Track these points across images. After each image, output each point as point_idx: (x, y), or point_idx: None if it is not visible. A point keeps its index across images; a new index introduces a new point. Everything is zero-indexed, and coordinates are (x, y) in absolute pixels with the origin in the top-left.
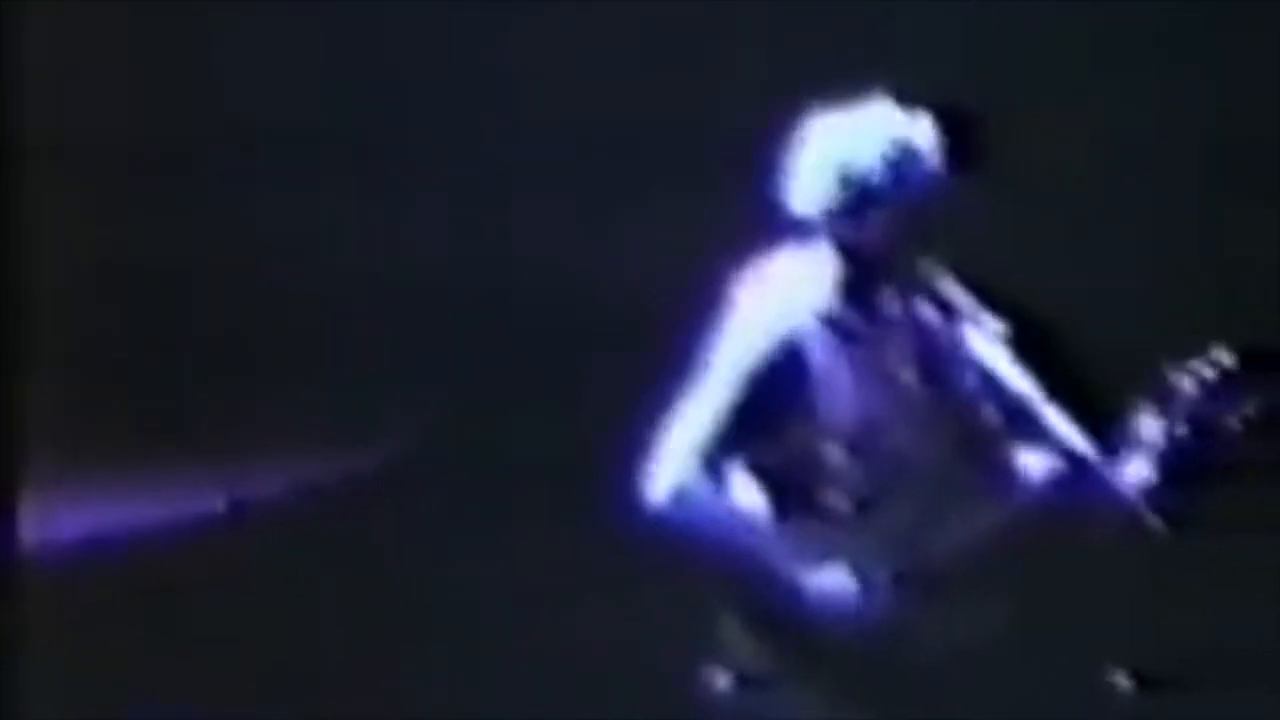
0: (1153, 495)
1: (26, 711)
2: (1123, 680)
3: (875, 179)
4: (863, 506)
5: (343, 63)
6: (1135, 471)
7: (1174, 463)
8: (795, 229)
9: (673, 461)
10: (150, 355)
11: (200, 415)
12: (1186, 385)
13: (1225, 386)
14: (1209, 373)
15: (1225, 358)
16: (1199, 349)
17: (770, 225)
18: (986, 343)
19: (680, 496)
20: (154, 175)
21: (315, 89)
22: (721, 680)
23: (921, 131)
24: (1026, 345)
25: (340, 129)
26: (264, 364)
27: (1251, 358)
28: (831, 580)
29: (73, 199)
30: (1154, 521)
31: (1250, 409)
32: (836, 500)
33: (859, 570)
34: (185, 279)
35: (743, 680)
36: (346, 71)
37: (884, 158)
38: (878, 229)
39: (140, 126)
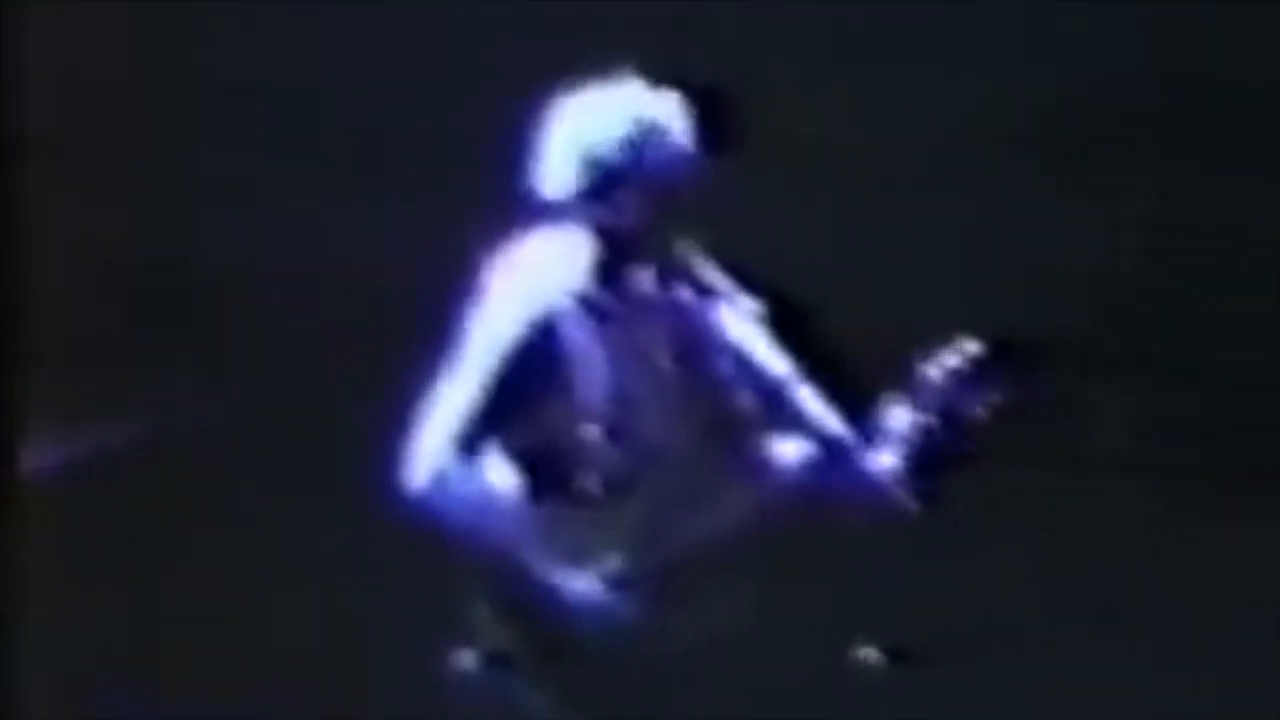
0: (903, 480)
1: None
2: (874, 656)
3: (624, 159)
4: (616, 490)
5: None
6: (887, 456)
7: (923, 448)
8: (547, 212)
9: (430, 445)
10: None
11: None
12: (936, 373)
13: (974, 375)
14: (958, 361)
15: (974, 347)
16: (950, 337)
17: (522, 209)
18: (742, 325)
19: (436, 480)
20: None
21: None
22: (469, 662)
23: (671, 111)
24: (782, 328)
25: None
26: None
27: (1001, 347)
28: (584, 565)
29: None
30: (905, 505)
31: (998, 397)
32: (590, 484)
33: (612, 554)
34: None
35: (491, 662)
36: None
37: (632, 138)
38: (630, 210)
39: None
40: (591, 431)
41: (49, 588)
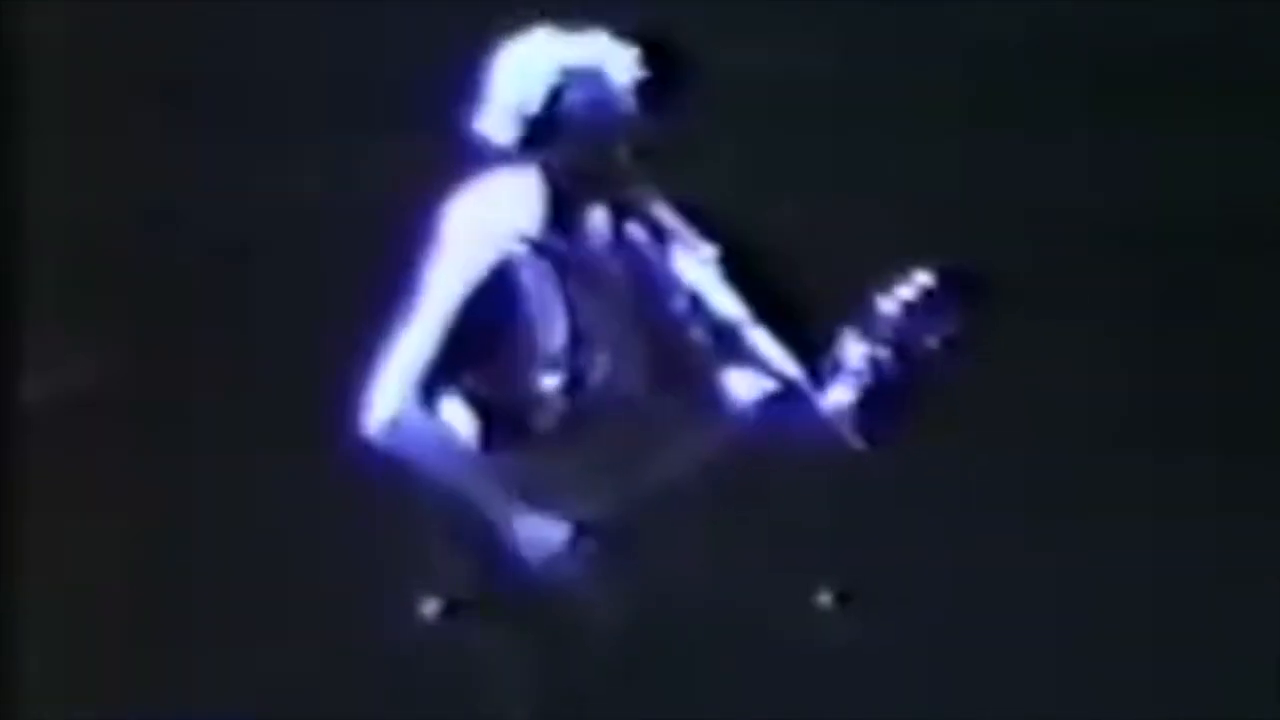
0: (856, 417)
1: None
2: (826, 599)
3: (573, 105)
4: (573, 433)
5: None
6: (839, 394)
7: (876, 383)
8: (499, 157)
9: (387, 391)
10: None
11: None
12: (889, 305)
13: (927, 307)
14: (911, 293)
15: (926, 279)
16: (902, 271)
17: (474, 154)
18: (697, 268)
19: (394, 426)
20: None
21: None
22: (431, 608)
23: (621, 56)
24: (736, 270)
25: None
26: None
27: (951, 278)
28: (542, 508)
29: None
30: (857, 442)
31: (950, 329)
32: (547, 427)
33: (568, 498)
34: None
35: (452, 608)
36: None
37: (581, 83)
38: (582, 155)
39: None
40: (548, 375)
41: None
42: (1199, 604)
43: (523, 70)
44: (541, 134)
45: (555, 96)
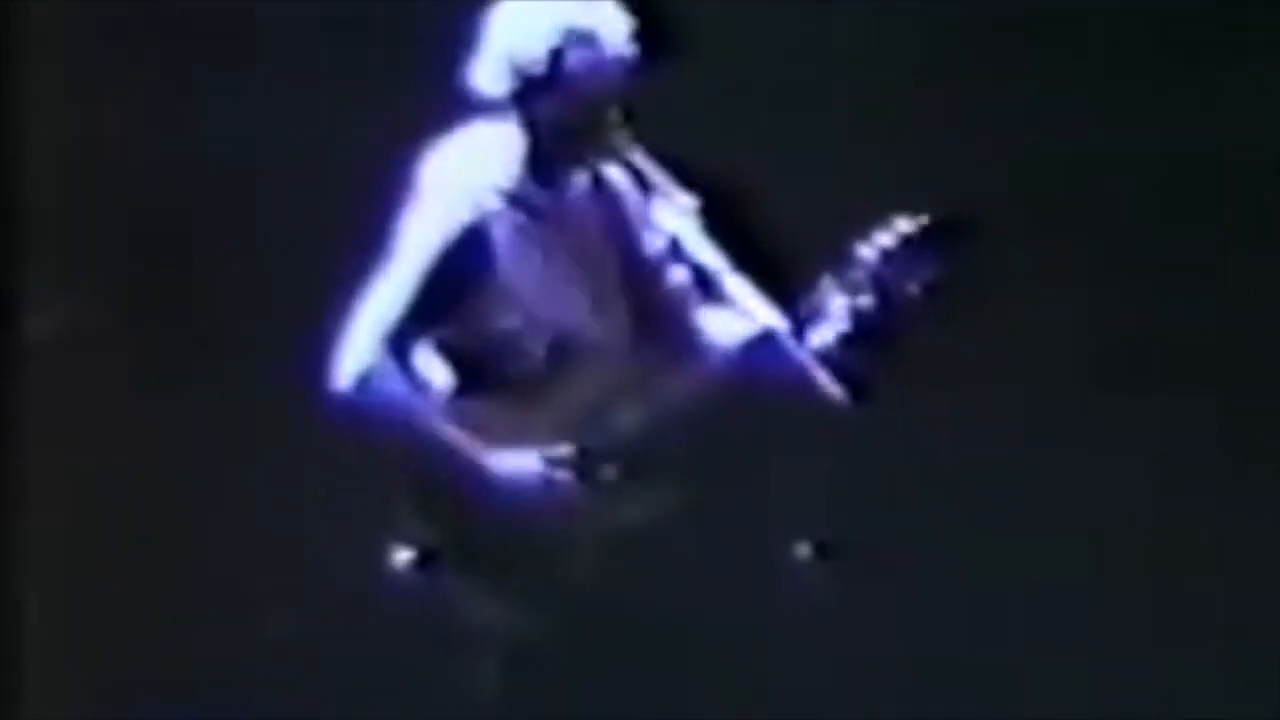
0: (836, 364)
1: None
2: (804, 550)
3: (559, 57)
4: (548, 382)
5: None
6: (819, 340)
7: (856, 331)
8: (481, 108)
9: (360, 342)
10: None
11: None
12: (868, 252)
13: (907, 254)
14: (891, 239)
15: (906, 225)
16: (882, 217)
17: (456, 105)
18: (677, 218)
19: (366, 377)
20: None
21: None
22: (403, 558)
23: (616, 16)
24: (713, 216)
25: None
26: None
27: (931, 226)
28: (516, 457)
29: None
30: (836, 390)
31: (930, 276)
32: (522, 377)
33: (543, 446)
34: None
35: (424, 559)
36: None
37: (568, 35)
38: (564, 106)
39: None
40: (520, 326)
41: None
42: (1193, 550)
43: (518, 25)
44: (528, 86)
45: (544, 49)
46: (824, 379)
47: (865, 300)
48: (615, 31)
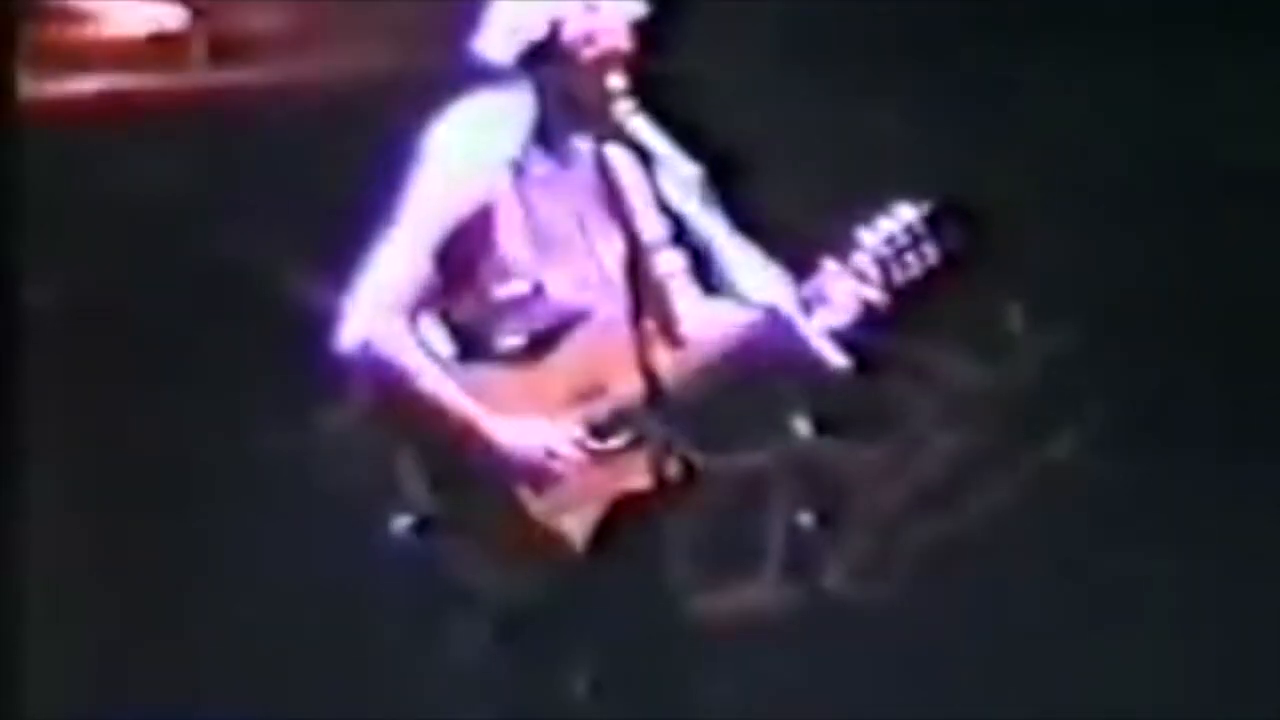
0: (840, 340)
1: None
2: (807, 519)
3: (564, 26)
4: (551, 352)
5: None
6: (823, 319)
7: (861, 309)
8: (488, 74)
9: (365, 307)
10: None
11: None
12: (872, 237)
13: (911, 239)
14: (895, 226)
15: (910, 212)
16: (886, 204)
17: (464, 73)
18: (679, 189)
19: (370, 342)
20: None
21: None
22: (402, 525)
23: None
24: (720, 192)
25: None
26: None
27: (934, 213)
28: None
29: None
30: (840, 361)
31: (932, 260)
32: (523, 345)
33: (545, 415)
34: None
35: (422, 525)
36: None
37: (582, 10)
38: (570, 76)
39: None
40: (526, 295)
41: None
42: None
43: None
44: (535, 53)
45: (553, 21)
46: (828, 351)
47: (871, 289)
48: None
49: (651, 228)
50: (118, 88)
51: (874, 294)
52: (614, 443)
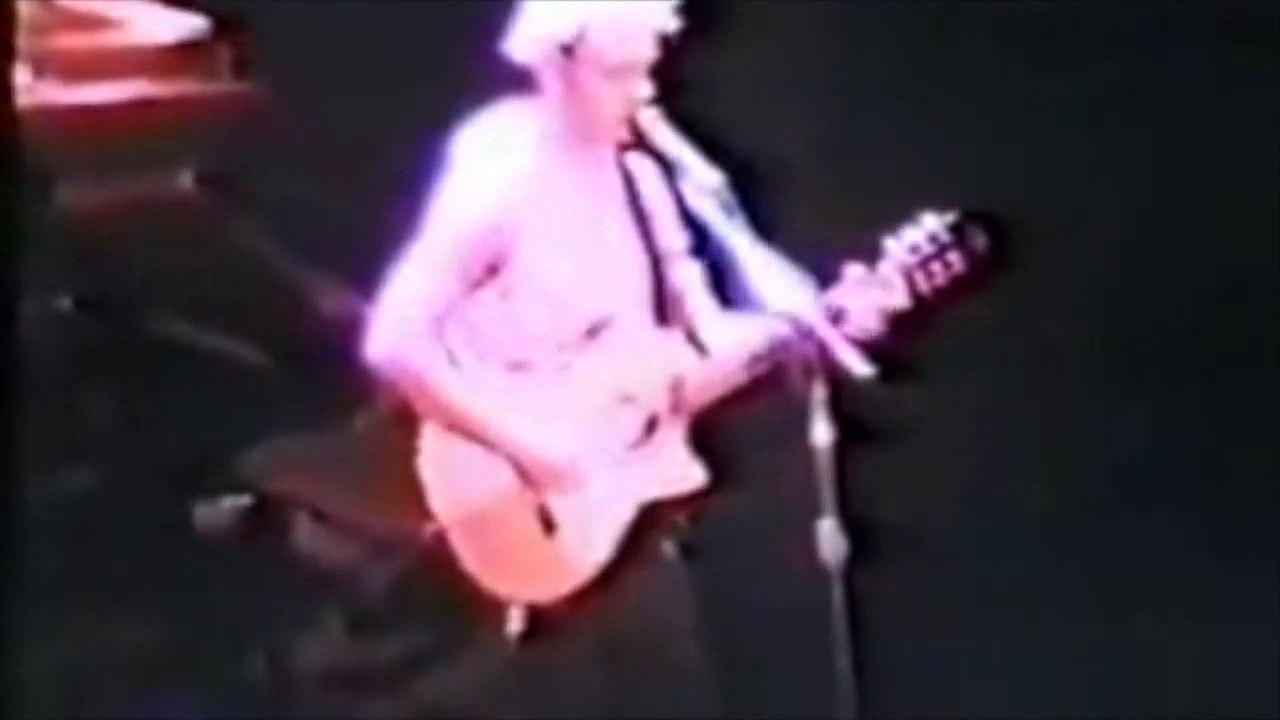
0: (866, 350)
1: None
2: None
3: (601, 36)
4: (572, 360)
5: None
6: (847, 328)
7: (885, 319)
8: (516, 82)
9: (393, 314)
10: None
11: None
12: (897, 245)
13: (934, 248)
14: (919, 234)
15: (934, 221)
16: (911, 211)
17: (493, 80)
18: (701, 197)
19: (398, 349)
20: None
21: None
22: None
23: None
24: (743, 200)
25: None
26: None
27: (959, 221)
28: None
29: None
30: (864, 369)
31: (957, 268)
32: (549, 353)
33: (567, 422)
34: None
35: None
36: None
37: (612, 16)
38: (595, 81)
39: None
40: (551, 302)
41: None
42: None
43: None
44: (562, 58)
45: (581, 26)
46: (851, 359)
47: (895, 297)
48: (654, 6)
49: (672, 237)
50: (142, 95)
51: (899, 302)
52: (640, 450)
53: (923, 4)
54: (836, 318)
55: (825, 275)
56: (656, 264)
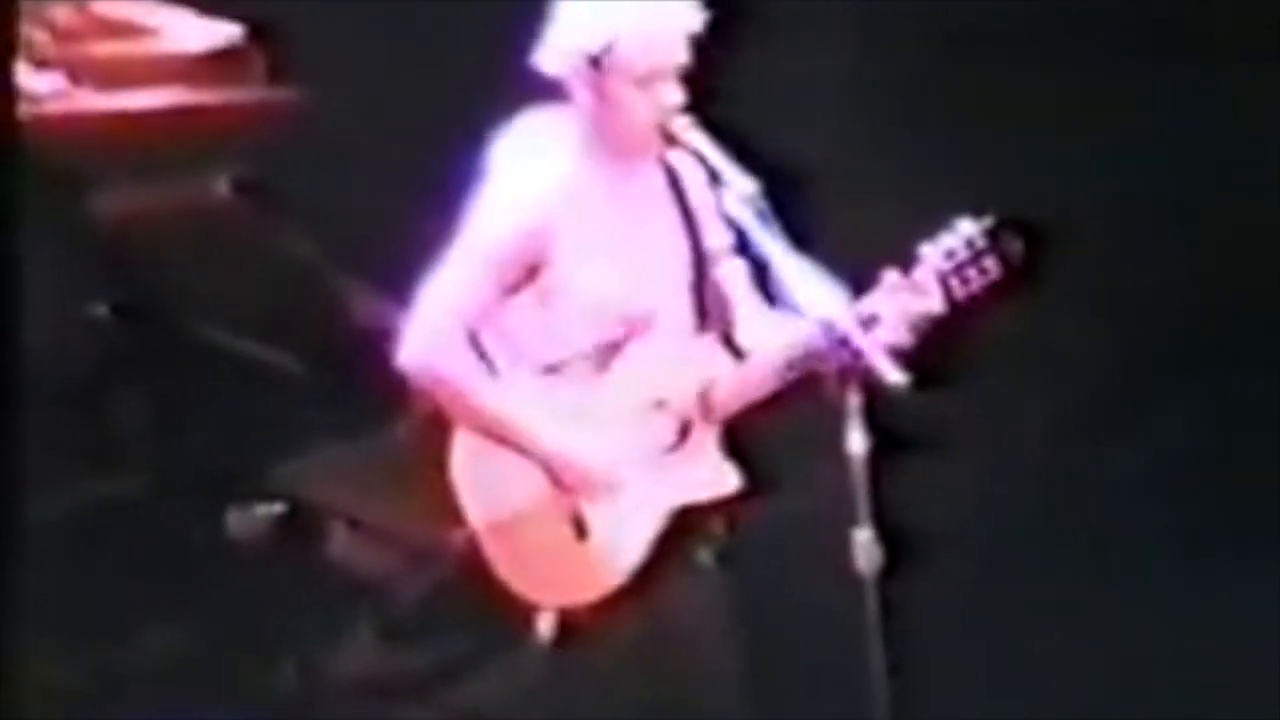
0: (901, 358)
1: None
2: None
3: (630, 47)
4: (609, 364)
5: None
6: (882, 334)
7: (920, 325)
8: (548, 90)
9: (427, 320)
10: None
11: None
12: (933, 251)
13: (969, 254)
14: (955, 240)
15: (969, 226)
16: (947, 218)
17: (526, 88)
18: (737, 203)
19: (431, 355)
20: None
21: None
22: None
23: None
24: (777, 207)
25: None
26: None
27: (995, 227)
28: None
29: None
30: (898, 378)
31: (993, 275)
32: (584, 358)
33: (603, 426)
34: None
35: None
36: None
37: (642, 25)
38: (628, 89)
39: None
40: (586, 308)
41: None
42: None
43: (586, 7)
44: (594, 68)
45: (614, 36)
46: (886, 366)
47: (931, 303)
48: (682, 14)
49: (716, 236)
50: (178, 102)
51: (934, 308)
52: (673, 455)
53: (958, 9)
54: (870, 324)
55: (860, 282)
56: (700, 263)
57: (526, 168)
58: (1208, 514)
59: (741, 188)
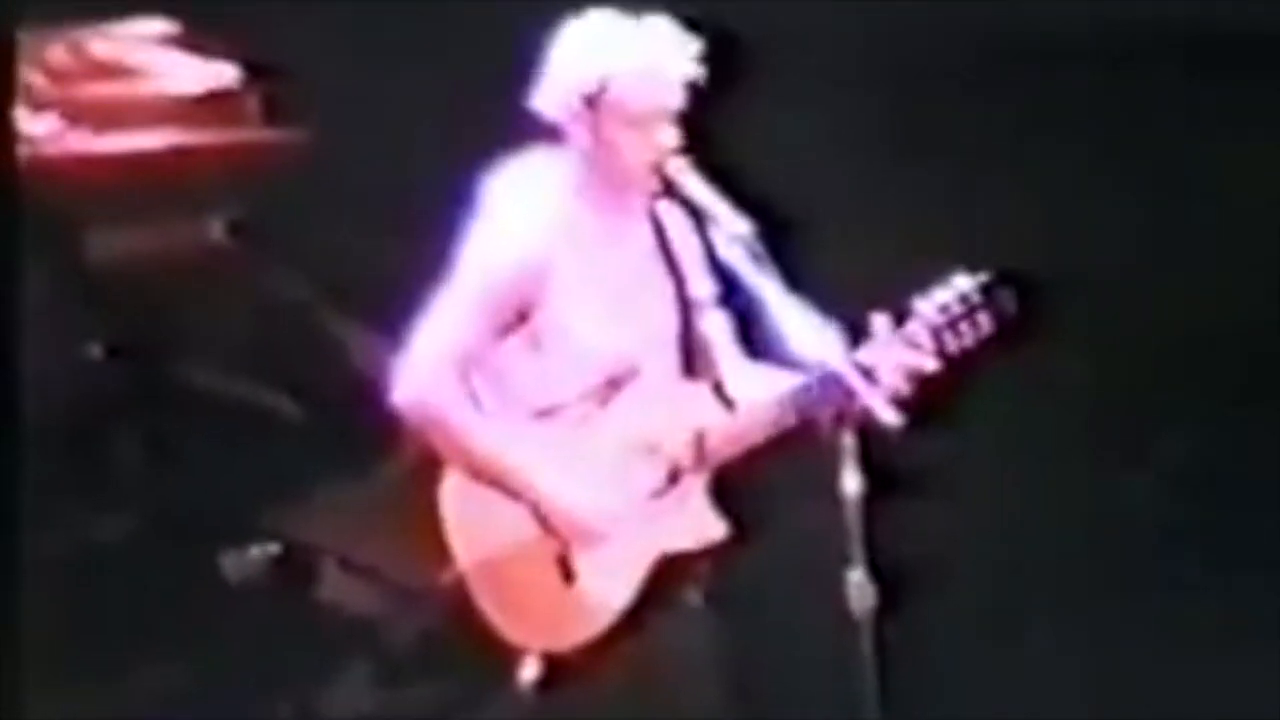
0: (895, 400)
1: None
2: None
3: (618, 81)
4: (599, 409)
5: None
6: (875, 386)
7: (913, 378)
8: (544, 133)
9: (419, 359)
10: None
11: None
12: (927, 305)
13: (963, 308)
14: (949, 294)
15: (964, 281)
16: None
17: (521, 129)
18: (731, 245)
19: (423, 394)
20: None
21: None
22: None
23: (680, 44)
24: (771, 251)
25: None
26: None
27: (989, 282)
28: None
29: None
30: (891, 418)
31: (986, 329)
32: (575, 401)
33: (593, 472)
34: None
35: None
36: None
37: (638, 66)
38: (624, 133)
39: None
40: (577, 351)
41: None
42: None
43: (580, 49)
44: (591, 113)
45: (608, 77)
46: (880, 407)
47: (923, 357)
48: (676, 56)
49: (701, 287)
50: (172, 143)
51: (926, 362)
52: (662, 501)
53: (959, 60)
54: (864, 376)
55: (854, 333)
56: (685, 313)
57: (521, 207)
58: (1207, 552)
59: (736, 229)
